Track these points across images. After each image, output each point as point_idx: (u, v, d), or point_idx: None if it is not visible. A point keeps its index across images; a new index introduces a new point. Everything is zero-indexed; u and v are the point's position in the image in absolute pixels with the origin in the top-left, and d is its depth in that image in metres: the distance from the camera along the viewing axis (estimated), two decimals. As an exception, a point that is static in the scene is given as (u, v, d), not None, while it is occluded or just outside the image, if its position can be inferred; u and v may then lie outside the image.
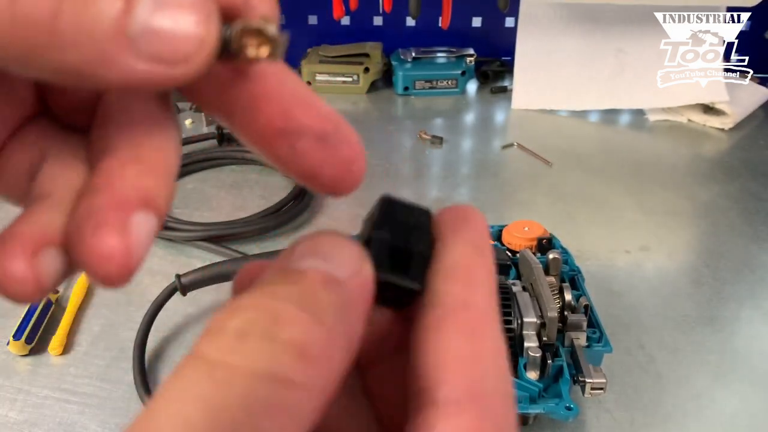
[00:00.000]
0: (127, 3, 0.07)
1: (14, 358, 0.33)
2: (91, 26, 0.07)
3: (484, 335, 0.09)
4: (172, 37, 0.07)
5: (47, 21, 0.06)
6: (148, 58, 0.07)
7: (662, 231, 0.44)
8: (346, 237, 0.09)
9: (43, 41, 0.06)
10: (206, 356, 0.07)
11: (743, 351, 0.34)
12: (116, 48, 0.07)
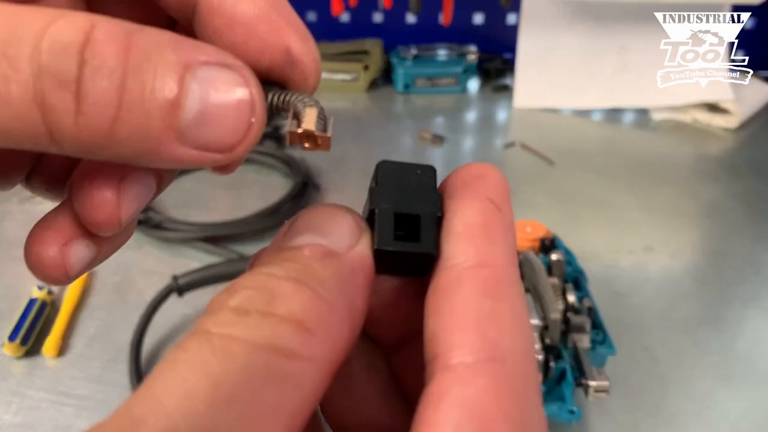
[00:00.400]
0: (178, 94, 0.07)
1: (9, 360, 0.32)
2: (144, 126, 0.07)
3: (503, 294, 0.08)
4: (220, 128, 0.08)
5: (106, 129, 0.07)
6: (199, 147, 0.08)
7: (666, 231, 0.44)
8: (344, 209, 0.09)
9: (103, 143, 0.07)
10: (208, 330, 0.07)
11: (748, 352, 0.33)
12: (167, 144, 0.08)
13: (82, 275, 0.10)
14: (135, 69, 0.07)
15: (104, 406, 0.30)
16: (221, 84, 0.08)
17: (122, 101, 0.07)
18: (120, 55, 0.07)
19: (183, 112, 0.08)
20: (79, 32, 0.07)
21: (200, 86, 0.08)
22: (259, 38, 0.09)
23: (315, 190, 0.48)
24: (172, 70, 0.08)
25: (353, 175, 0.51)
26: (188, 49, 0.08)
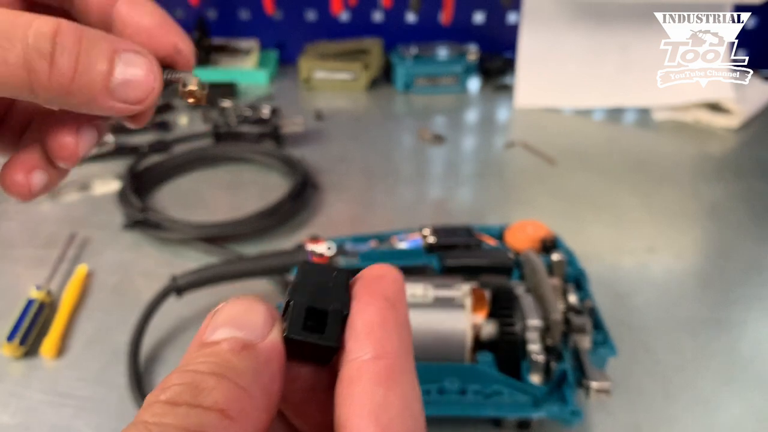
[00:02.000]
0: (107, 74, 0.13)
1: (7, 360, 0.32)
2: (88, 90, 0.12)
3: (395, 382, 0.10)
4: (136, 92, 0.13)
5: (67, 85, 0.12)
6: (124, 102, 0.13)
7: (668, 231, 0.44)
8: (259, 301, 0.10)
9: (63, 94, 0.12)
10: (145, 420, 0.09)
11: (751, 354, 0.33)
12: (103, 96, 0.13)
13: (41, 195, 0.14)
14: (84, 51, 0.12)
15: (102, 407, 0.30)
16: (136, 63, 0.13)
17: (77, 69, 0.12)
18: (76, 42, 0.12)
19: (112, 79, 0.13)
20: (53, 26, 0.12)
21: (124, 64, 0.13)
22: (157, 38, 0.14)
23: (314, 190, 0.48)
24: (106, 53, 0.13)
25: (353, 174, 0.51)
26: (116, 41, 0.13)
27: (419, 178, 0.51)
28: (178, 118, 0.59)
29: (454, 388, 0.26)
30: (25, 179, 0.14)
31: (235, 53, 0.69)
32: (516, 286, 0.29)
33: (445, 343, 0.27)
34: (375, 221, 0.45)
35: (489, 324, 0.28)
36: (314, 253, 0.33)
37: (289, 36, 0.70)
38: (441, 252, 0.33)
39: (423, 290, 0.28)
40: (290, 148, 0.53)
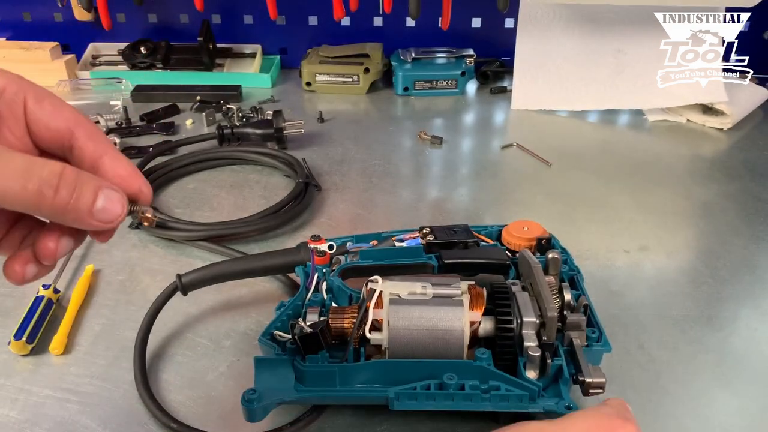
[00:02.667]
0: (92, 204, 0.19)
1: (15, 357, 0.33)
2: (78, 210, 0.18)
3: None
4: (110, 217, 0.19)
5: (63, 207, 0.18)
6: (100, 222, 0.19)
7: (661, 231, 0.45)
8: None
9: (62, 212, 0.18)
10: None
11: (742, 350, 0.34)
12: (86, 216, 0.19)
13: (32, 282, 0.20)
14: (78, 186, 0.18)
15: (109, 404, 0.30)
16: (112, 197, 0.19)
17: (72, 197, 0.18)
18: (74, 180, 0.18)
19: (95, 206, 0.19)
20: (60, 168, 0.18)
21: (104, 197, 0.19)
22: (129, 182, 0.20)
23: (316, 190, 0.48)
24: (93, 189, 0.19)
25: (353, 175, 0.52)
26: (100, 181, 0.19)
27: (418, 179, 0.52)
28: (183, 120, 0.60)
29: (452, 383, 0.27)
30: (21, 270, 0.20)
31: (239, 57, 0.70)
32: (512, 284, 0.30)
33: (444, 339, 0.27)
34: (375, 221, 0.45)
35: (486, 321, 0.28)
36: (316, 251, 0.33)
37: (292, 40, 0.71)
38: (439, 251, 0.34)
39: (422, 288, 0.29)
40: (293, 150, 0.54)
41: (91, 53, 0.69)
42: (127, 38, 0.67)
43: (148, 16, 0.69)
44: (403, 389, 0.27)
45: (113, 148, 0.20)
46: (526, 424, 0.23)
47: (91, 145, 0.20)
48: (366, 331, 0.27)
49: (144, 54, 0.66)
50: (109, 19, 0.65)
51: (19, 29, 0.70)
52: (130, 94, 0.63)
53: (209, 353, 0.33)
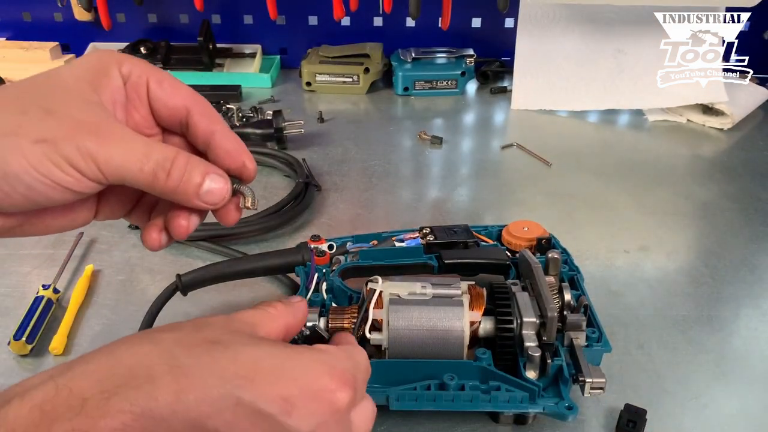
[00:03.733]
0: (199, 186, 0.21)
1: (15, 357, 0.33)
2: (186, 192, 0.20)
3: None
4: (213, 199, 0.21)
5: (174, 187, 0.20)
6: (205, 203, 0.21)
7: (661, 231, 0.45)
8: None
9: (172, 193, 0.20)
10: None
11: (742, 350, 0.34)
12: (193, 198, 0.21)
13: (165, 247, 0.23)
14: (188, 170, 0.20)
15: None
16: (217, 181, 0.21)
17: (182, 179, 0.20)
18: (184, 164, 0.20)
19: (201, 188, 0.21)
20: (173, 153, 0.20)
21: (210, 180, 0.21)
22: (235, 156, 0.22)
23: (316, 190, 0.48)
24: (201, 173, 0.21)
25: (353, 175, 0.52)
26: (208, 166, 0.21)
27: (418, 179, 0.52)
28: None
29: (453, 383, 0.27)
30: (158, 237, 0.22)
31: (239, 57, 0.70)
32: (512, 284, 0.30)
33: (444, 339, 0.27)
34: (375, 221, 0.45)
35: (486, 321, 0.29)
36: (316, 251, 0.33)
37: (292, 40, 0.71)
38: (439, 251, 0.34)
39: (422, 288, 0.29)
40: (293, 150, 0.54)
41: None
42: (127, 38, 0.67)
43: (148, 16, 0.69)
44: (403, 389, 0.27)
45: (224, 124, 0.22)
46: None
47: (204, 120, 0.22)
48: (366, 331, 0.28)
49: (144, 54, 0.66)
50: (109, 19, 0.65)
51: (19, 29, 0.70)
52: (130, 94, 0.63)
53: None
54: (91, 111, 0.19)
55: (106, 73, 0.21)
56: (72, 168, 0.18)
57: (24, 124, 0.18)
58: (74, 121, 0.19)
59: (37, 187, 0.18)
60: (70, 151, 0.18)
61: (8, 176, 0.18)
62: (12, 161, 0.18)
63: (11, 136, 0.18)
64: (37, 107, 0.19)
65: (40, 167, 0.18)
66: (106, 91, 0.20)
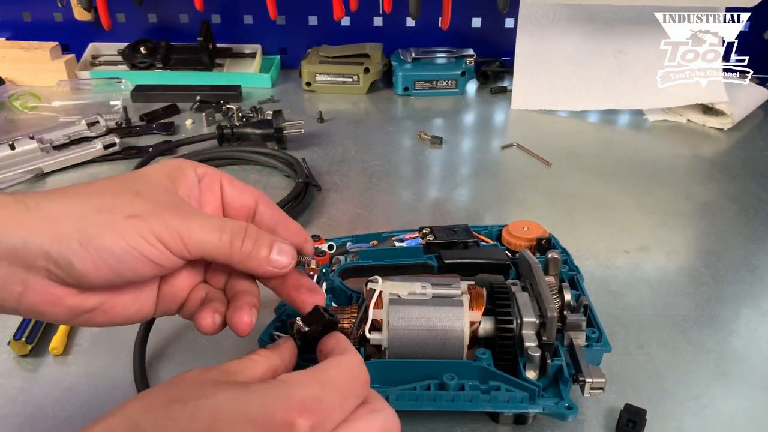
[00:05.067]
0: (269, 252, 0.23)
1: (15, 357, 0.33)
2: (258, 257, 0.23)
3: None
4: (282, 264, 0.24)
5: (247, 255, 0.23)
6: (274, 268, 0.24)
7: (661, 231, 0.45)
8: None
9: (245, 260, 0.23)
10: None
11: (742, 351, 0.34)
12: (265, 263, 0.23)
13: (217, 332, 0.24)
14: (258, 240, 0.23)
15: (109, 404, 0.30)
16: (284, 249, 0.24)
17: (253, 248, 0.23)
18: (255, 235, 0.23)
19: (271, 255, 0.23)
20: (245, 226, 0.23)
21: (277, 249, 0.23)
22: (295, 235, 0.25)
23: (316, 190, 0.48)
24: (269, 242, 0.23)
25: (353, 175, 0.52)
26: (275, 238, 0.24)
27: (418, 179, 0.52)
28: (183, 120, 0.60)
29: (453, 383, 0.27)
30: (212, 319, 0.23)
31: (239, 57, 0.70)
32: (512, 284, 0.30)
33: (444, 339, 0.27)
34: (375, 221, 0.45)
35: (486, 321, 0.29)
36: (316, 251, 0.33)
37: (292, 40, 0.71)
38: (439, 251, 0.34)
39: (421, 288, 0.29)
40: (293, 150, 0.54)
41: (91, 53, 0.69)
42: (127, 38, 0.67)
43: (148, 16, 0.69)
44: (403, 389, 0.27)
45: (284, 214, 0.26)
46: None
47: (269, 211, 0.26)
48: (366, 331, 0.28)
49: (144, 54, 0.66)
50: (109, 19, 0.65)
51: (19, 29, 0.70)
52: (130, 94, 0.63)
53: (209, 353, 0.33)
54: (171, 197, 0.23)
55: (183, 172, 0.24)
56: (158, 241, 0.21)
57: (117, 203, 0.21)
58: (160, 202, 0.22)
59: (125, 259, 0.20)
60: (157, 226, 0.21)
61: (100, 249, 0.20)
62: (106, 234, 0.20)
63: (106, 213, 0.20)
64: (127, 190, 0.22)
65: (131, 240, 0.20)
66: (183, 186, 0.24)
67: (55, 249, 0.20)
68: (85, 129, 0.53)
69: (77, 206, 0.20)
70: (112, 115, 0.58)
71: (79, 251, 0.20)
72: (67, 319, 0.22)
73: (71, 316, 0.22)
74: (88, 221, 0.20)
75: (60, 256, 0.20)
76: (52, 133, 0.52)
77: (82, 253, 0.20)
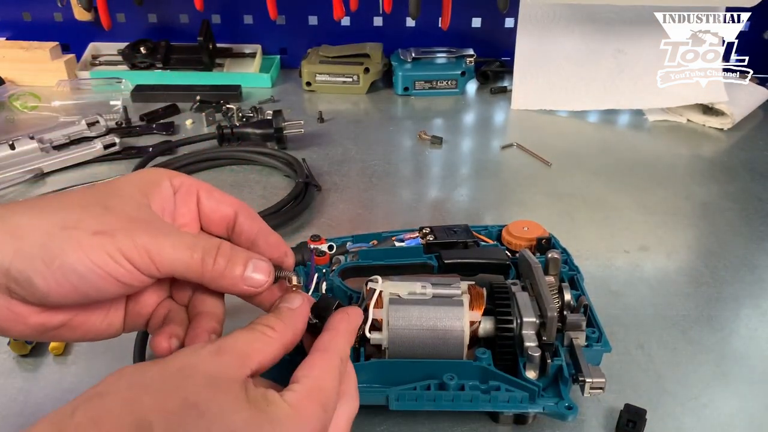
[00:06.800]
0: (243, 270, 0.22)
1: (15, 357, 0.33)
2: (232, 276, 0.22)
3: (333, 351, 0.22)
4: (258, 283, 0.22)
5: (220, 273, 0.22)
6: (249, 287, 0.22)
7: (661, 231, 0.45)
8: (303, 293, 0.24)
9: (218, 278, 0.22)
10: None
11: (742, 351, 0.34)
12: (239, 282, 0.22)
13: None
14: (232, 257, 0.22)
15: (109, 403, 0.30)
16: (259, 266, 0.22)
17: (227, 266, 0.22)
18: (228, 252, 0.22)
19: (246, 272, 0.22)
20: (218, 243, 0.22)
21: (252, 266, 0.22)
22: (275, 248, 0.24)
23: (316, 190, 0.48)
24: (244, 259, 0.22)
25: (353, 175, 0.52)
26: (250, 254, 0.23)
27: (418, 179, 0.52)
28: (183, 120, 0.60)
29: (453, 383, 0.27)
30: (167, 344, 0.22)
31: (239, 57, 0.70)
32: (512, 284, 0.30)
33: (444, 339, 0.27)
34: (375, 221, 0.45)
35: (486, 321, 0.29)
36: (316, 251, 0.33)
37: (292, 40, 0.71)
38: (439, 251, 0.34)
39: (421, 288, 0.29)
40: (293, 150, 0.54)
41: (91, 53, 0.69)
42: (127, 38, 0.67)
43: (148, 16, 0.69)
44: (403, 389, 0.27)
45: (265, 225, 0.25)
46: None
47: (248, 222, 0.24)
48: (366, 331, 0.27)
49: (144, 54, 0.66)
50: (109, 19, 0.65)
51: (19, 29, 0.70)
52: (129, 94, 0.63)
53: (209, 353, 0.33)
54: (142, 211, 0.21)
55: (158, 184, 0.23)
56: (125, 260, 0.20)
57: (84, 218, 0.20)
58: (129, 217, 0.21)
59: (90, 278, 0.19)
60: (125, 243, 0.20)
61: (63, 266, 0.19)
62: (69, 252, 0.19)
63: (71, 229, 0.19)
64: (96, 204, 0.21)
65: (96, 258, 0.19)
66: (157, 199, 0.22)
67: (16, 266, 0.19)
68: (85, 129, 0.53)
69: (43, 221, 0.19)
70: (112, 115, 0.58)
71: (41, 269, 0.19)
72: (34, 336, 0.21)
73: (37, 333, 0.21)
74: (52, 237, 0.19)
75: (20, 273, 0.19)
76: (52, 133, 0.52)
77: (44, 270, 0.19)
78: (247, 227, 0.24)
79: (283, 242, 0.25)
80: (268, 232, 0.24)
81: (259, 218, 0.25)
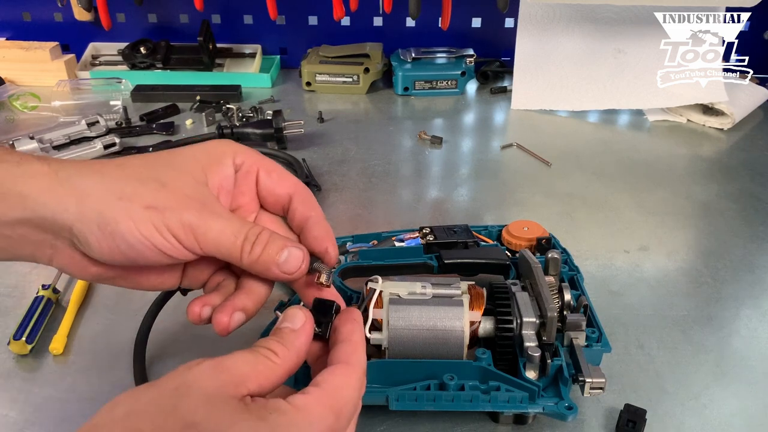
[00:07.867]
0: (278, 253, 0.23)
1: (15, 357, 0.33)
2: (266, 262, 0.23)
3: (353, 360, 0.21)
4: (290, 270, 0.23)
5: (256, 258, 0.23)
6: (283, 273, 0.23)
7: (661, 231, 0.45)
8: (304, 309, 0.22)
9: (254, 263, 0.23)
10: None
11: (742, 350, 0.34)
12: (273, 267, 0.23)
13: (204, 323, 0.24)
14: (269, 244, 0.23)
15: (109, 403, 0.30)
16: (294, 254, 0.23)
17: (263, 252, 0.23)
18: (266, 239, 0.23)
19: (281, 259, 0.23)
20: (258, 230, 0.23)
21: (288, 253, 0.23)
22: (320, 241, 0.24)
23: (316, 190, 0.48)
24: (279, 246, 0.23)
25: (353, 175, 0.52)
26: (287, 241, 0.23)
27: (418, 179, 0.52)
28: (183, 120, 0.60)
29: (453, 383, 0.27)
30: (198, 311, 0.24)
31: (239, 57, 0.70)
32: (512, 284, 0.30)
33: (444, 339, 0.27)
34: (375, 221, 0.45)
35: (486, 321, 0.29)
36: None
37: (292, 40, 0.71)
38: (439, 251, 0.34)
39: (421, 288, 0.29)
40: (293, 150, 0.54)
41: (91, 53, 0.69)
42: (127, 38, 0.67)
43: (148, 16, 0.69)
44: (403, 389, 0.27)
45: (319, 211, 0.25)
46: None
47: (301, 207, 0.25)
48: (366, 331, 0.27)
49: (144, 54, 0.66)
50: (109, 19, 0.65)
51: (19, 29, 0.70)
52: (129, 94, 0.63)
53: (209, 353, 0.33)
54: (197, 189, 0.22)
55: (219, 161, 0.24)
56: (171, 235, 0.21)
57: (140, 192, 0.21)
58: (183, 195, 0.22)
59: (138, 247, 0.21)
60: (173, 221, 0.21)
61: (115, 234, 0.21)
62: (122, 222, 0.21)
63: (126, 201, 0.21)
64: (153, 179, 0.22)
65: (144, 230, 0.21)
66: (216, 177, 0.23)
67: (77, 226, 0.21)
68: (85, 129, 0.53)
69: (101, 188, 0.21)
70: (112, 115, 0.58)
71: (96, 233, 0.21)
72: (95, 281, 0.24)
73: (97, 279, 0.23)
74: (108, 206, 0.21)
75: (80, 233, 0.21)
76: (52, 133, 0.52)
77: (99, 235, 0.21)
78: (299, 213, 0.25)
79: (327, 237, 0.24)
80: (316, 222, 0.24)
81: (313, 203, 0.25)
